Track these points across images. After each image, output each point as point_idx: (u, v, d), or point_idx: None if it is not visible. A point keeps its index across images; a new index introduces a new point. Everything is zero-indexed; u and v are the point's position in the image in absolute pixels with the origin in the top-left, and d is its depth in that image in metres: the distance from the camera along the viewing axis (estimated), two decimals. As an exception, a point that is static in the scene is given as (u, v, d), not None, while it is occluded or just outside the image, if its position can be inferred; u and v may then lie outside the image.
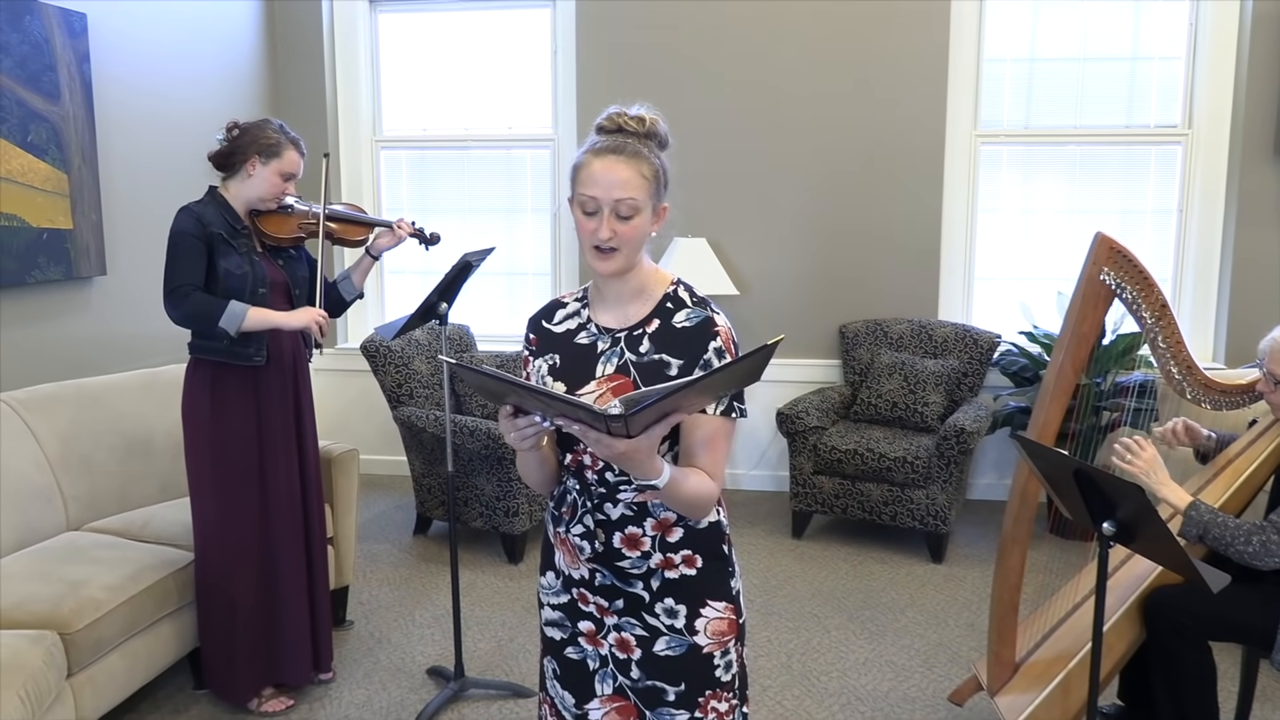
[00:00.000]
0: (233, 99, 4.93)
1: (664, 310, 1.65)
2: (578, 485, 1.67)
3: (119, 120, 4.16)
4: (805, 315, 5.10)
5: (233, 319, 2.79)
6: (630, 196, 1.57)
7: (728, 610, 1.68)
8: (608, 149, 1.58)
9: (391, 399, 4.45)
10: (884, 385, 4.65)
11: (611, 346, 1.65)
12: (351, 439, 5.46)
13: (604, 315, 1.69)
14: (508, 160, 5.42)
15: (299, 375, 3.06)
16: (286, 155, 2.93)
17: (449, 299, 3.10)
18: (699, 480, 1.56)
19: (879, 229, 5.01)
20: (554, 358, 1.69)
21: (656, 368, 1.61)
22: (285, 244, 3.01)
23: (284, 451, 3.00)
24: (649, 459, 1.44)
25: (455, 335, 4.84)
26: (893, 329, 4.89)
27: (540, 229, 5.43)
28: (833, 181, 5.03)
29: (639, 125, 1.61)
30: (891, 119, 4.93)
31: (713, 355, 1.60)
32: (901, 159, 4.95)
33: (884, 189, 4.99)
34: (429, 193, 5.50)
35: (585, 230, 1.60)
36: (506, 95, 5.37)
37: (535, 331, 1.75)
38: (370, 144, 5.47)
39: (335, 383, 5.46)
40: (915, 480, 4.20)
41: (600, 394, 1.61)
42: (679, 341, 1.62)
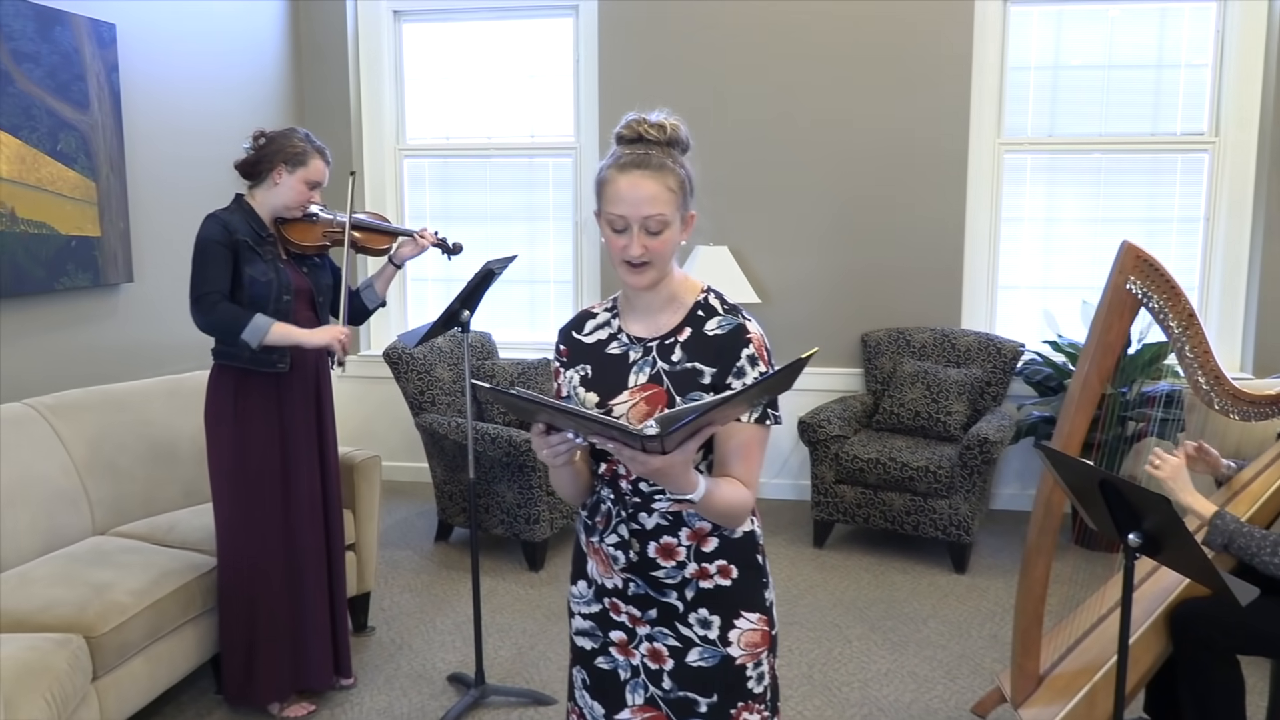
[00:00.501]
0: (258, 108, 4.98)
1: (695, 319, 1.65)
2: (612, 495, 1.66)
3: (146, 129, 4.21)
4: (827, 324, 5.09)
5: (256, 332, 2.81)
6: (658, 212, 1.57)
7: (761, 622, 1.67)
8: (631, 163, 1.57)
9: (414, 406, 4.46)
10: (906, 394, 4.63)
11: (643, 356, 1.65)
12: (374, 445, 5.48)
13: (635, 325, 1.68)
14: (530, 168, 5.44)
15: (321, 382, 3.07)
16: (312, 164, 2.95)
17: (471, 307, 3.11)
18: (734, 490, 1.56)
19: (902, 237, 4.99)
20: (585, 368, 1.69)
21: (689, 376, 1.61)
22: (310, 252, 3.03)
23: (306, 458, 3.01)
24: (684, 473, 1.45)
25: (477, 343, 4.85)
26: (915, 338, 4.87)
27: (562, 237, 5.44)
28: (855, 189, 5.02)
29: (660, 133, 1.61)
30: (915, 127, 4.92)
31: (745, 362, 1.60)
32: (924, 167, 4.94)
33: (907, 197, 4.97)
34: (452, 201, 5.52)
35: (615, 247, 1.60)
36: (529, 103, 5.39)
37: (566, 342, 1.74)
38: (394, 152, 5.50)
39: (358, 389, 5.48)
40: (938, 490, 4.18)
41: (633, 404, 1.61)
42: (711, 350, 1.61)
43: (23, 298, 3.55)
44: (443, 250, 3.31)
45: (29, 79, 3.52)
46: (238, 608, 3.00)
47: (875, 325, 5.05)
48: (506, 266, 3.16)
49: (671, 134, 1.61)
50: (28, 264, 3.52)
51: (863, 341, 4.99)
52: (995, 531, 4.72)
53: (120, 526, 3.38)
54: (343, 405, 5.36)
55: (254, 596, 2.99)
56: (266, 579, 2.99)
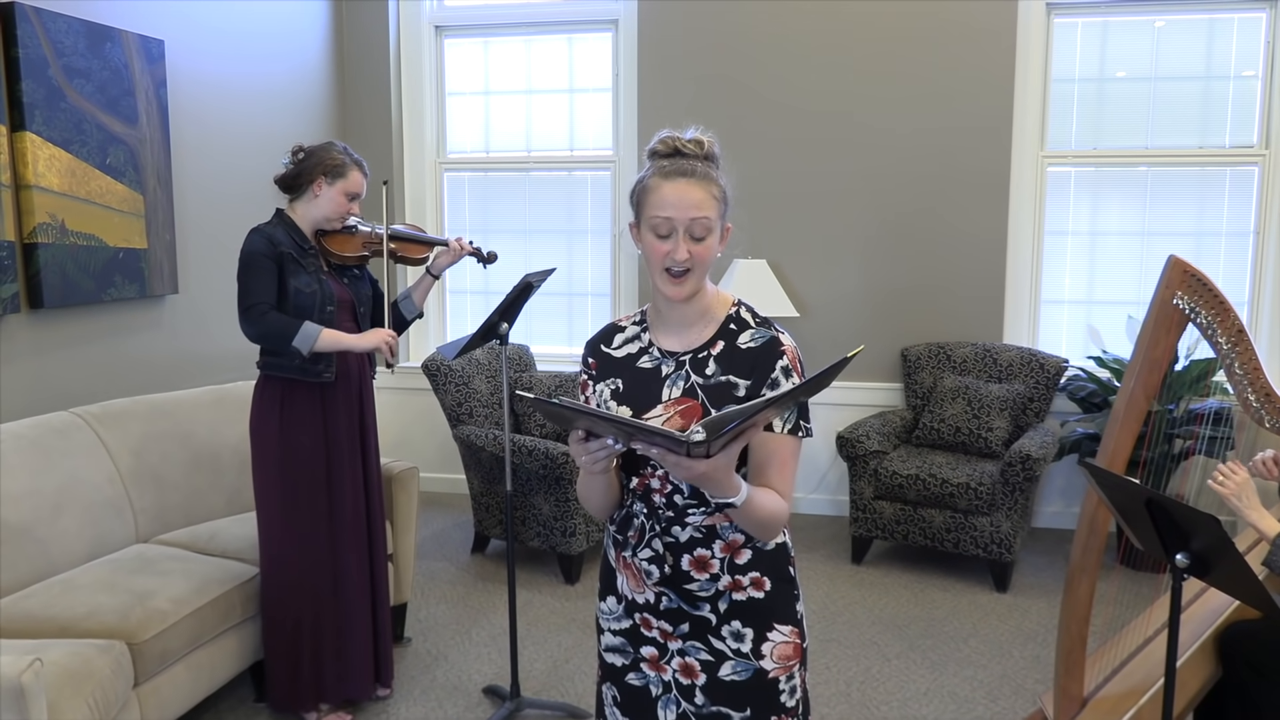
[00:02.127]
0: (300, 122, 5.04)
1: (728, 332, 1.66)
2: (645, 509, 1.66)
3: (193, 143, 4.28)
4: (866, 338, 5.07)
5: (306, 339, 2.85)
6: (705, 215, 1.58)
7: (793, 634, 1.67)
8: (676, 171, 1.59)
9: (451, 418, 4.48)
10: (947, 409, 4.60)
11: (676, 370, 1.65)
12: (412, 457, 5.51)
13: (666, 339, 1.69)
14: (569, 182, 5.46)
15: (364, 393, 3.10)
16: (351, 176, 3.00)
17: (510, 319, 3.13)
18: (772, 499, 1.57)
19: (943, 250, 4.97)
20: (616, 382, 1.69)
21: (724, 389, 1.61)
22: (351, 263, 3.08)
23: (349, 468, 3.04)
24: (728, 477, 1.46)
25: (515, 355, 4.86)
26: (956, 352, 4.84)
27: (600, 250, 5.46)
28: (896, 202, 4.99)
29: (697, 148, 1.63)
30: (956, 139, 4.90)
31: (780, 374, 1.61)
32: (966, 180, 4.91)
33: (948, 210, 4.94)
34: (491, 214, 5.55)
35: (658, 253, 1.60)
36: (568, 117, 5.41)
37: (594, 356, 1.75)
38: (434, 166, 5.54)
39: (397, 401, 5.52)
40: (979, 507, 4.14)
41: (668, 417, 1.61)
42: (746, 362, 1.62)
43: (71, 308, 3.62)
44: (477, 259, 3.34)
45: (80, 94, 3.60)
46: (281, 616, 3.02)
47: (915, 340, 5.02)
48: (545, 279, 3.18)
49: (708, 149, 1.64)
50: (76, 275, 3.59)
51: (902, 356, 4.96)
52: (1038, 550, 4.66)
53: (163, 535, 3.42)
54: (381, 416, 5.40)
55: (298, 605, 3.01)
56: (310, 588, 3.01)
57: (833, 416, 4.99)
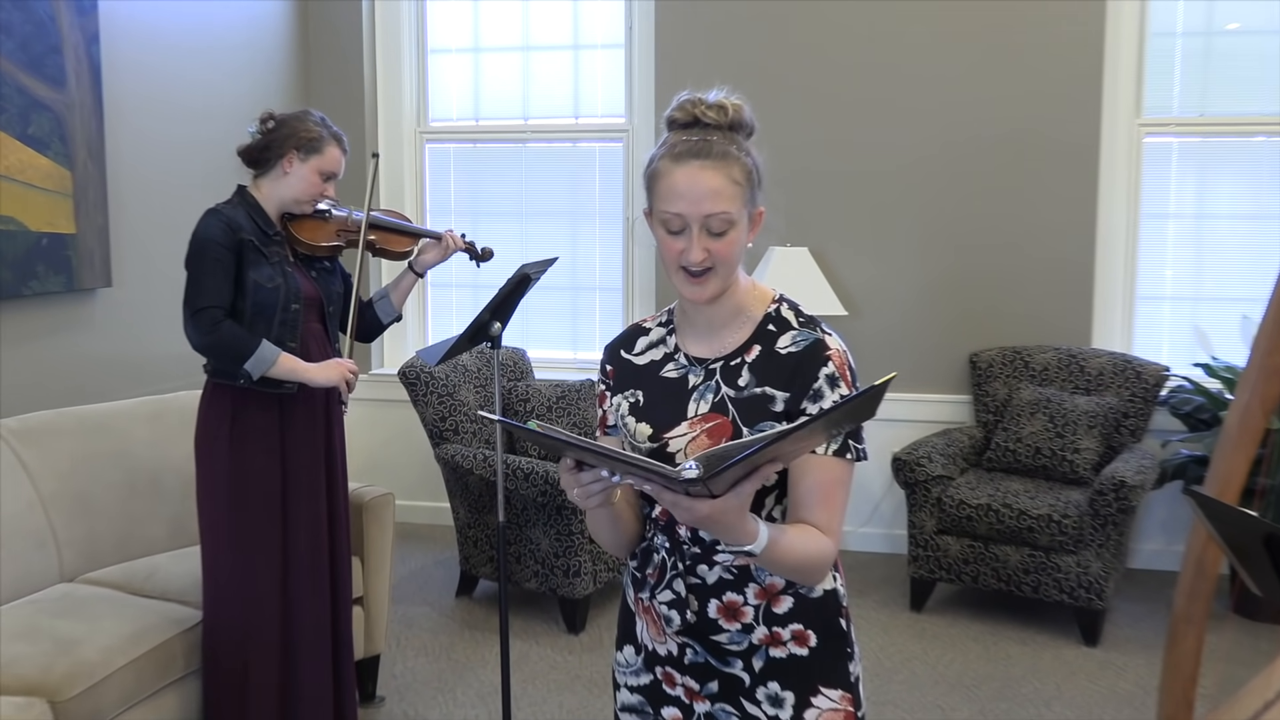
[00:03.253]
0: (259, 85, 5.05)
1: (765, 334, 1.65)
2: (667, 543, 1.66)
3: (131, 110, 4.28)
4: (928, 341, 5.05)
5: (261, 364, 2.88)
6: (723, 210, 1.57)
7: (844, 700, 1.66)
8: (689, 152, 1.57)
9: (433, 435, 4.48)
10: (1024, 427, 4.59)
11: (705, 380, 1.65)
12: (386, 481, 5.47)
13: (694, 343, 1.69)
14: (573, 155, 5.46)
15: (331, 406, 3.12)
16: (328, 152, 3.02)
17: (503, 318, 3.15)
18: (809, 539, 1.54)
19: (1019, 237, 4.95)
20: (636, 394, 1.70)
21: (759, 403, 1.61)
22: (321, 254, 3.10)
23: (311, 494, 3.04)
24: (739, 520, 1.43)
25: (509, 361, 4.87)
26: (1035, 359, 4.83)
27: (611, 236, 5.46)
28: (963, 180, 4.99)
29: (720, 115, 1.60)
30: (1035, 105, 4.88)
31: (824, 383, 1.60)
32: (1047, 153, 4.89)
33: (1025, 188, 4.93)
34: (481, 192, 5.57)
35: (671, 252, 1.60)
36: (572, 79, 5.42)
37: (614, 362, 1.75)
38: (414, 136, 5.56)
39: (368, 415, 5.53)
40: (1063, 544, 4.13)
41: (693, 437, 1.62)
42: (785, 370, 1.62)
43: (-14, 304, 3.64)
44: (470, 256, 3.37)
45: (-2, 52, 3.63)
46: (229, 669, 3.00)
47: (986, 343, 5.01)
48: (545, 271, 3.19)
49: (734, 116, 1.61)
50: (-8, 265, 3.62)
51: (971, 363, 4.96)
52: (1134, 596, 4.65)
53: (93, 572, 3.41)
54: (350, 433, 5.36)
55: (246, 657, 3.00)
56: (260, 636, 3.00)
57: (887, 435, 4.97)
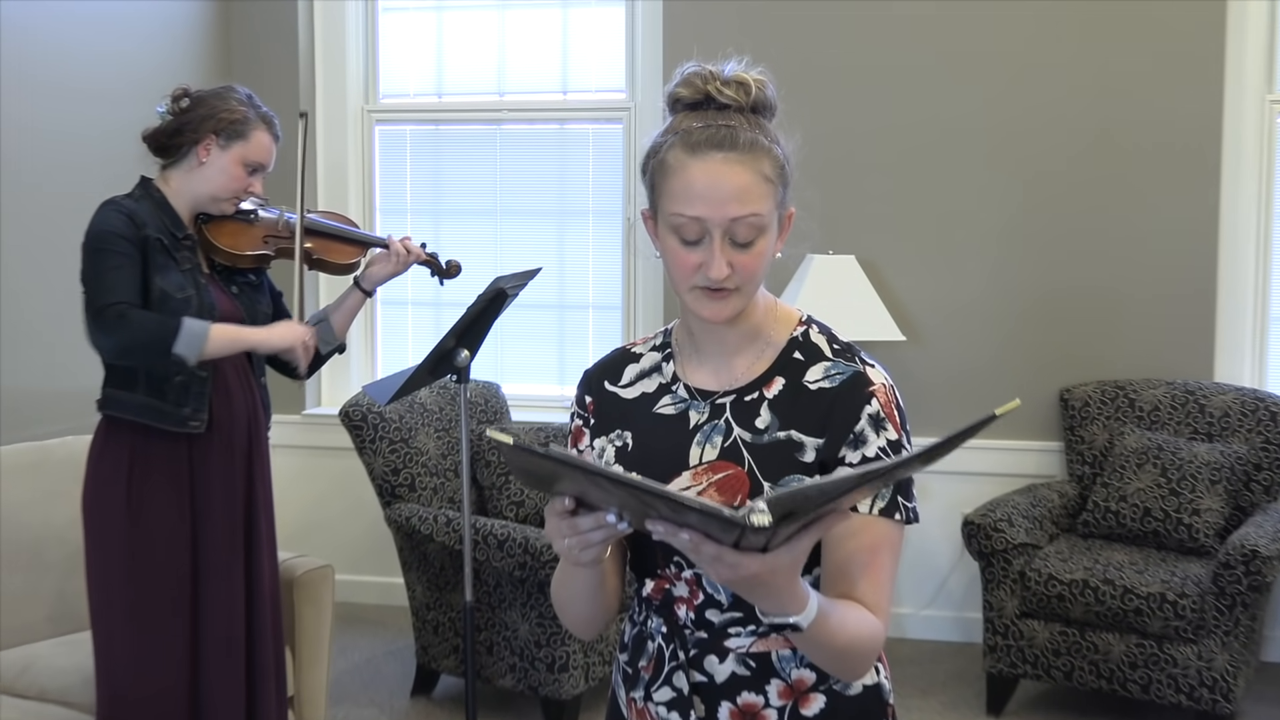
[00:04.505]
0: (167, 54, 5.04)
1: (790, 364, 1.68)
2: (664, 627, 1.67)
3: (7, 85, 4.22)
4: (1007, 374, 5.06)
5: (192, 339, 2.89)
6: (752, 212, 1.58)
7: None
8: (710, 142, 1.59)
9: (384, 491, 4.48)
10: (1130, 482, 4.58)
11: (711, 418, 1.68)
12: (323, 550, 5.40)
13: (698, 372, 1.72)
14: (561, 139, 5.50)
15: (254, 454, 3.17)
16: (255, 138, 3.10)
17: (472, 344, 3.22)
18: (859, 619, 1.56)
19: (1121, 245, 4.96)
20: (624, 436, 1.73)
21: (783, 451, 1.63)
22: (244, 264, 3.15)
23: (229, 566, 3.08)
24: (790, 582, 1.44)
25: (480, 398, 4.88)
26: (1143, 396, 4.84)
27: (607, 240, 5.48)
28: (1048, 176, 5.00)
29: (740, 95, 1.62)
30: (1139, 81, 4.90)
31: (867, 426, 1.62)
32: (1155, 140, 4.91)
33: (1127, 186, 4.95)
34: (445, 186, 5.59)
35: (684, 266, 1.61)
36: (560, 46, 5.44)
37: (593, 394, 1.79)
38: (360, 115, 5.56)
39: (301, 466, 5.51)
40: (1180, 630, 4.12)
41: (699, 489, 1.63)
42: (816, 409, 1.64)
43: None
44: (433, 271, 3.46)
45: None
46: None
47: (1080, 377, 5.00)
48: (525, 285, 3.27)
49: (756, 95, 1.63)
50: None
51: (1062, 401, 4.96)
52: (1270, 696, 4.62)
53: (-53, 668, 3.37)
54: (280, 487, 5.32)
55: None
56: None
57: (955, 491, 4.94)
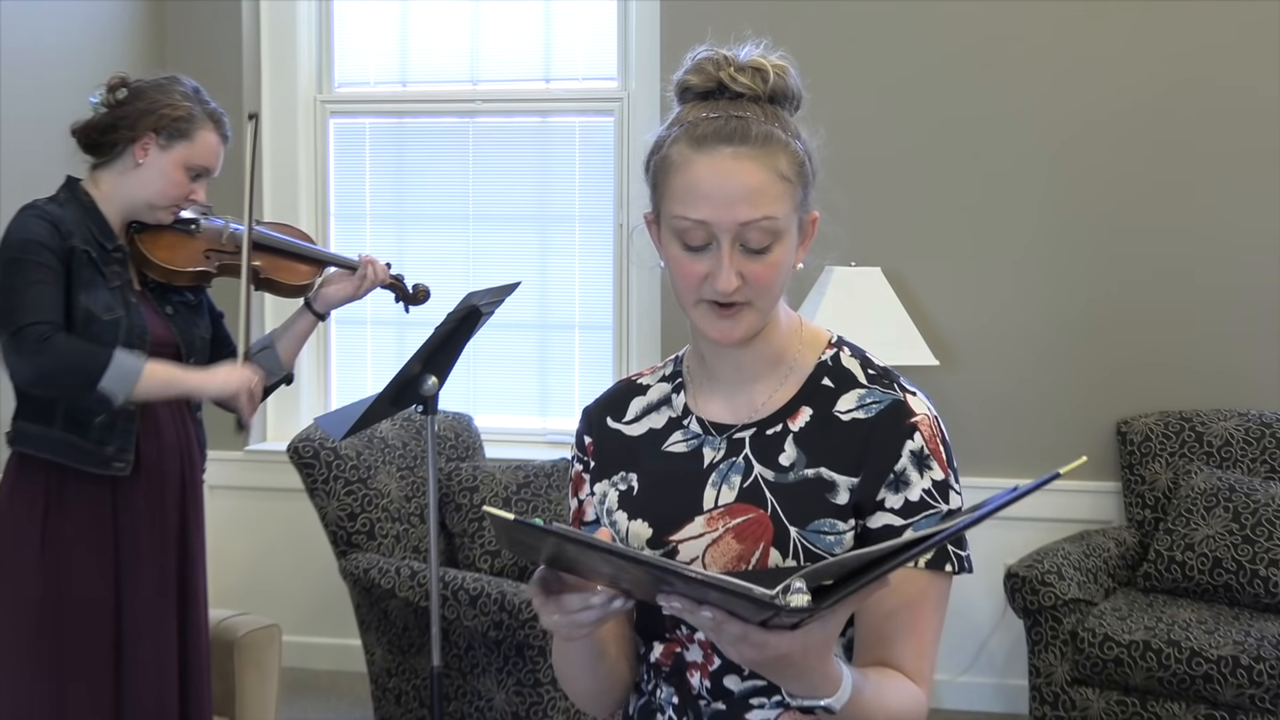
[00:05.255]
0: (95, 38, 5.06)
1: (819, 392, 1.70)
2: (675, 697, 1.70)
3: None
4: (1056, 404, 5.09)
5: (122, 376, 2.88)
6: (766, 215, 1.59)
7: None
8: (718, 135, 1.60)
9: (339, 539, 4.50)
10: (1198, 529, 4.58)
11: (728, 455, 1.70)
12: (267, 607, 5.38)
13: (712, 403, 1.74)
14: (543, 134, 5.57)
15: (187, 498, 3.19)
16: (200, 138, 3.11)
17: (441, 370, 3.28)
18: (898, 689, 1.58)
19: (1185, 256, 5.00)
20: (628, 478, 1.76)
21: (811, 492, 1.64)
22: (182, 282, 3.17)
23: (158, 625, 3.10)
24: (822, 661, 1.44)
25: (449, 432, 4.90)
26: (1213, 429, 4.85)
27: (596, 250, 5.51)
28: (1102, 175, 5.02)
29: (757, 82, 1.64)
30: (1206, 70, 4.90)
31: (909, 464, 1.64)
32: (1225, 136, 4.92)
33: (1194, 188, 4.98)
34: (409, 186, 5.63)
35: (689, 276, 1.63)
36: (543, 29, 5.50)
37: (595, 433, 1.83)
38: (312, 106, 5.61)
39: (243, 509, 5.50)
40: (1257, 700, 4.12)
41: (715, 537, 1.65)
42: (850, 444, 1.66)
43: None
44: (397, 296, 3.51)
45: None
46: None
47: (1140, 407, 5.02)
48: (502, 302, 3.32)
49: (776, 83, 1.65)
50: None
51: (1119, 435, 4.98)
52: None
53: None
54: (219, 536, 5.30)
55: None
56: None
57: (996, 538, 4.91)
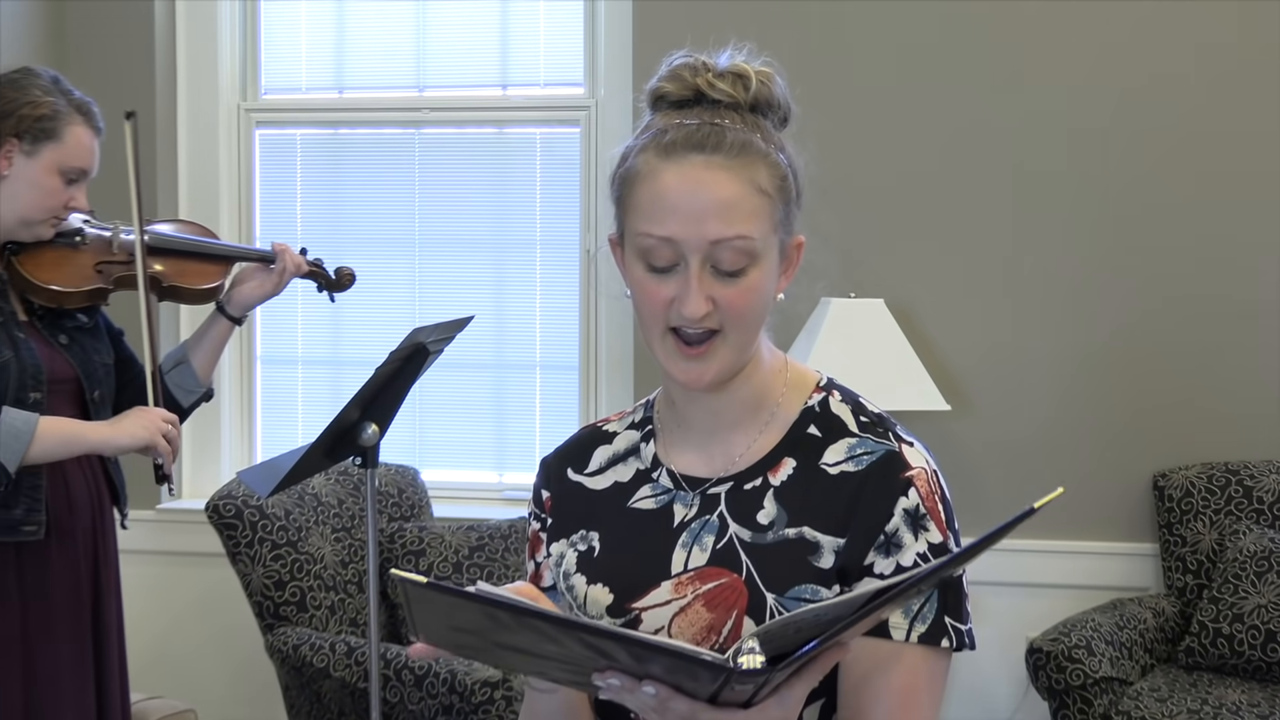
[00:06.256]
0: None
1: (803, 440, 1.75)
2: None
3: None
4: (1084, 454, 5.11)
5: (12, 441, 2.94)
6: (740, 233, 1.63)
7: None
8: (688, 142, 1.64)
9: (265, 611, 4.54)
10: (1247, 597, 4.60)
11: (701, 513, 1.74)
12: (184, 688, 5.40)
13: (685, 454, 1.80)
14: (499, 149, 5.62)
15: (101, 561, 3.26)
16: (70, 135, 3.14)
17: (382, 416, 3.28)
18: None
19: (1229, 287, 5.00)
20: (589, 538, 1.80)
21: (792, 554, 1.68)
22: (73, 304, 3.22)
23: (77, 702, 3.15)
24: None
25: (392, 488, 4.95)
26: (1264, 483, 4.87)
27: (561, 280, 5.56)
28: (1136, 195, 5.06)
29: (737, 89, 1.68)
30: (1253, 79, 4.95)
31: (901, 524, 1.67)
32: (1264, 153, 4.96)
33: (1241, 209, 5.01)
34: (347, 206, 5.69)
35: (653, 301, 1.67)
36: (498, 31, 5.55)
37: (553, 487, 1.88)
38: (236, 115, 5.65)
39: (156, 577, 5.49)
40: None
41: (684, 604, 1.70)
42: (836, 501, 1.69)
43: None
44: (320, 284, 3.57)
45: None
46: None
47: (1180, 458, 5.03)
48: (452, 339, 3.35)
49: (758, 91, 1.69)
50: None
51: (1156, 490, 4.99)
52: None
53: None
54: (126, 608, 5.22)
55: None
56: None
57: (1017, 607, 4.97)
